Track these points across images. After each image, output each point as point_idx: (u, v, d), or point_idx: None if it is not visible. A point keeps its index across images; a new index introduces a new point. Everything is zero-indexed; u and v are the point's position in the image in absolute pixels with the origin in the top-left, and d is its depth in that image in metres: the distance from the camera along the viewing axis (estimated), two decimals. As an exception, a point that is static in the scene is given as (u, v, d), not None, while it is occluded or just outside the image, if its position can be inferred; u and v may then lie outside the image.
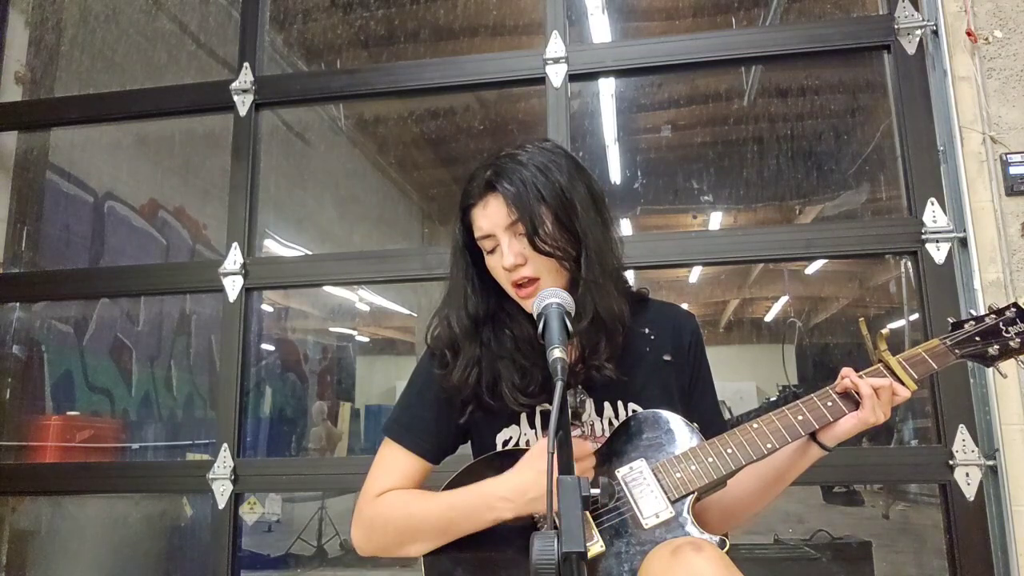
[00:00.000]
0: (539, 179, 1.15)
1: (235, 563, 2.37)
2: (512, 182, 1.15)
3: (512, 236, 1.16)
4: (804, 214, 4.24)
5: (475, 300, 1.23)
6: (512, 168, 1.17)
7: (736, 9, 3.20)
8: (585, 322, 1.16)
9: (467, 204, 1.21)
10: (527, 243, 1.14)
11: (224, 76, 2.72)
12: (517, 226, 1.15)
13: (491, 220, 1.17)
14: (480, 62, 2.59)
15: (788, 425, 1.16)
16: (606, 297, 1.18)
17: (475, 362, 1.21)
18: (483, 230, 1.18)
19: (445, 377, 1.22)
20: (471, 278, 1.24)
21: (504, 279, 1.19)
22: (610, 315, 1.18)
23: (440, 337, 1.25)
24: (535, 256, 1.15)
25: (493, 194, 1.17)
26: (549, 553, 0.71)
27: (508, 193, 1.14)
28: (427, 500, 1.18)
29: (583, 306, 1.15)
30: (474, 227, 1.20)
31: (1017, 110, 2.10)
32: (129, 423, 3.65)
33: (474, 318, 1.23)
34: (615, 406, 1.23)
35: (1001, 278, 2.01)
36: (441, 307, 1.27)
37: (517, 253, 1.15)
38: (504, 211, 1.15)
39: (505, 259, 1.15)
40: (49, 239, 3.18)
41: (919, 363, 1.20)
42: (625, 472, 1.14)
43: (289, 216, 4.51)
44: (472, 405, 1.23)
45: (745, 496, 1.25)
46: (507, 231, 1.16)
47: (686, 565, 0.95)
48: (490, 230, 1.17)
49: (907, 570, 3.66)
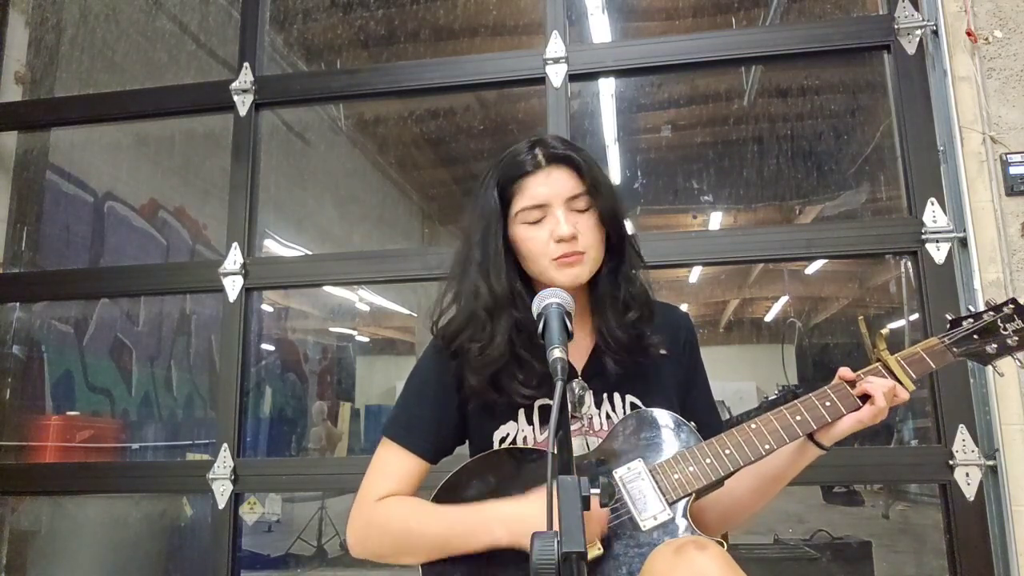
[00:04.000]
0: (597, 167, 1.22)
1: (235, 563, 2.36)
2: (581, 157, 1.20)
3: (568, 209, 1.18)
4: (804, 214, 4.25)
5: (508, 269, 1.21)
6: (575, 149, 1.22)
7: (736, 9, 3.20)
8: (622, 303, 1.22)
9: (520, 172, 1.19)
10: (581, 220, 1.18)
11: (224, 76, 2.72)
12: (576, 201, 1.18)
13: (553, 188, 1.18)
14: (480, 62, 2.59)
15: (786, 426, 1.16)
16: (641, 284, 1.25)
17: (514, 329, 1.18)
18: (537, 199, 1.18)
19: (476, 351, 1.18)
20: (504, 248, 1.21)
21: (544, 252, 1.17)
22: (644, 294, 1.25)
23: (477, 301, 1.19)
24: (587, 231, 1.18)
25: (559, 165, 1.19)
26: (549, 553, 0.71)
27: (582, 167, 1.19)
28: (426, 516, 1.16)
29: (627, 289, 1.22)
30: (521, 196, 1.19)
31: (1017, 110, 2.10)
32: (129, 423, 3.65)
33: (511, 281, 1.20)
34: (612, 399, 1.23)
35: (1001, 278, 2.01)
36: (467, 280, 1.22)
37: (572, 224, 1.17)
38: (571, 183, 1.18)
39: (562, 228, 1.16)
40: (49, 239, 3.18)
41: (917, 362, 1.20)
42: (623, 473, 1.14)
43: (289, 216, 4.51)
44: (472, 403, 1.22)
45: (743, 497, 1.25)
46: (566, 203, 1.18)
47: (690, 564, 0.95)
48: (547, 199, 1.18)
49: (907, 570, 3.67)
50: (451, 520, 1.13)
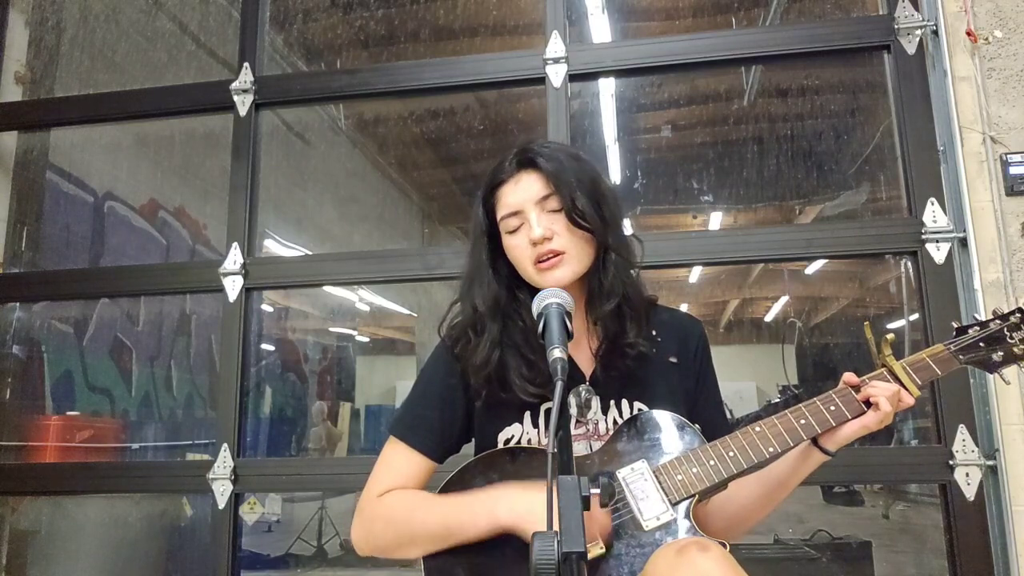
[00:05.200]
0: (572, 164, 1.21)
1: (235, 563, 2.36)
2: (549, 160, 1.20)
3: (540, 211, 1.19)
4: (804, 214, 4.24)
5: (496, 284, 1.24)
6: (546, 151, 1.21)
7: (736, 9, 3.20)
8: (613, 302, 1.19)
9: (495, 183, 1.23)
10: (556, 220, 1.17)
11: (224, 76, 2.72)
12: (548, 201, 1.18)
13: (522, 195, 1.20)
14: (480, 62, 2.59)
15: (790, 428, 1.15)
16: (632, 282, 1.22)
17: (497, 343, 1.21)
18: (510, 207, 1.20)
19: (469, 357, 1.22)
20: (492, 262, 1.25)
21: (526, 257, 1.19)
22: (637, 295, 1.22)
23: (464, 315, 1.26)
24: (564, 231, 1.17)
25: (527, 170, 1.21)
26: (549, 553, 0.71)
27: (546, 168, 1.19)
28: (430, 506, 1.17)
29: (612, 287, 1.19)
30: (499, 207, 1.23)
31: (1017, 110, 2.10)
32: (129, 423, 3.65)
33: (497, 300, 1.23)
34: (620, 405, 1.23)
35: (1001, 278, 2.01)
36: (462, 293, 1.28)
37: (545, 227, 1.17)
38: (538, 185, 1.19)
39: (534, 231, 1.16)
40: (49, 239, 3.18)
41: (923, 368, 1.19)
42: (626, 473, 1.14)
43: (289, 216, 4.51)
44: (480, 400, 1.23)
45: (748, 503, 1.24)
46: (536, 205, 1.19)
47: (692, 565, 0.95)
48: (518, 206, 1.19)
49: (907, 570, 3.67)
50: (453, 506, 1.14)
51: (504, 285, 1.25)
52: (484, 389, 1.22)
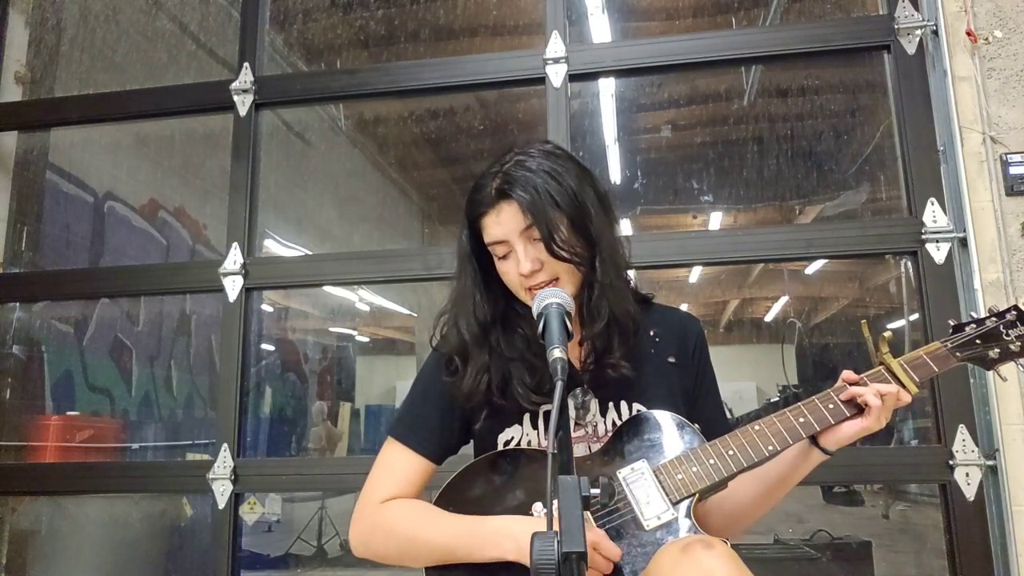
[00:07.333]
0: (551, 185, 1.14)
1: (235, 563, 2.36)
2: (526, 189, 1.14)
3: (527, 242, 1.16)
4: (804, 214, 4.24)
5: (484, 306, 1.23)
6: (523, 175, 1.15)
7: (736, 9, 3.20)
8: (601, 324, 1.17)
9: (477, 213, 1.19)
10: (542, 248, 1.14)
11: (224, 76, 2.72)
12: (532, 231, 1.14)
13: (505, 227, 1.16)
14: (480, 62, 2.59)
15: (789, 427, 1.16)
16: (621, 299, 1.20)
17: (485, 369, 1.21)
18: (496, 237, 1.18)
19: (456, 385, 1.22)
20: (479, 284, 1.24)
21: (518, 284, 1.19)
22: (625, 315, 1.20)
23: (450, 343, 1.25)
24: (551, 260, 1.15)
25: (506, 201, 1.16)
26: (549, 553, 0.71)
27: (523, 200, 1.13)
28: (432, 524, 1.15)
29: (598, 308, 1.17)
30: (484, 234, 1.20)
31: (1017, 110, 2.10)
32: (129, 423, 3.65)
33: (483, 324, 1.22)
34: (619, 407, 1.23)
35: (1001, 278, 2.01)
36: (449, 311, 1.27)
37: (533, 259, 1.15)
38: (519, 218, 1.15)
39: (522, 266, 1.15)
40: (49, 239, 3.18)
41: (920, 366, 1.20)
42: (626, 473, 1.14)
43: (289, 216, 4.51)
44: (481, 410, 1.23)
45: (747, 501, 1.25)
46: (522, 236, 1.15)
47: (697, 562, 0.95)
48: (504, 237, 1.17)
49: (907, 570, 3.66)
50: (458, 530, 1.13)
51: (502, 298, 1.25)
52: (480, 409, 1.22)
